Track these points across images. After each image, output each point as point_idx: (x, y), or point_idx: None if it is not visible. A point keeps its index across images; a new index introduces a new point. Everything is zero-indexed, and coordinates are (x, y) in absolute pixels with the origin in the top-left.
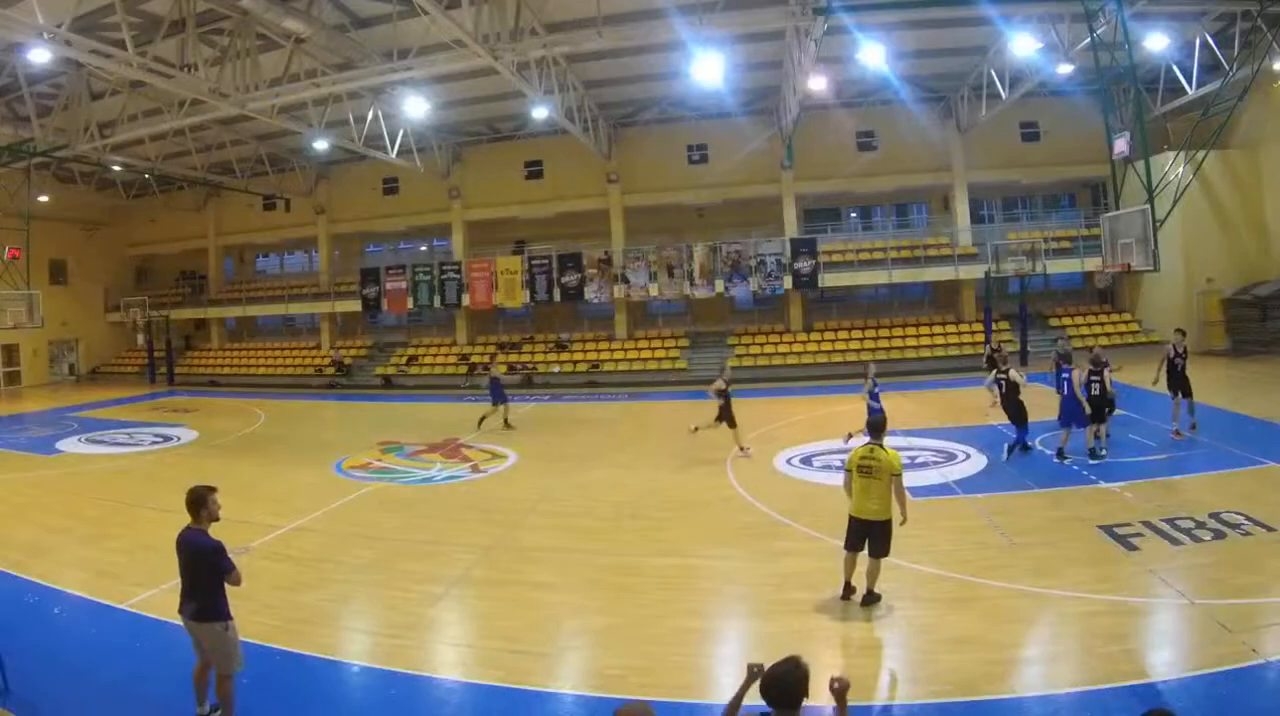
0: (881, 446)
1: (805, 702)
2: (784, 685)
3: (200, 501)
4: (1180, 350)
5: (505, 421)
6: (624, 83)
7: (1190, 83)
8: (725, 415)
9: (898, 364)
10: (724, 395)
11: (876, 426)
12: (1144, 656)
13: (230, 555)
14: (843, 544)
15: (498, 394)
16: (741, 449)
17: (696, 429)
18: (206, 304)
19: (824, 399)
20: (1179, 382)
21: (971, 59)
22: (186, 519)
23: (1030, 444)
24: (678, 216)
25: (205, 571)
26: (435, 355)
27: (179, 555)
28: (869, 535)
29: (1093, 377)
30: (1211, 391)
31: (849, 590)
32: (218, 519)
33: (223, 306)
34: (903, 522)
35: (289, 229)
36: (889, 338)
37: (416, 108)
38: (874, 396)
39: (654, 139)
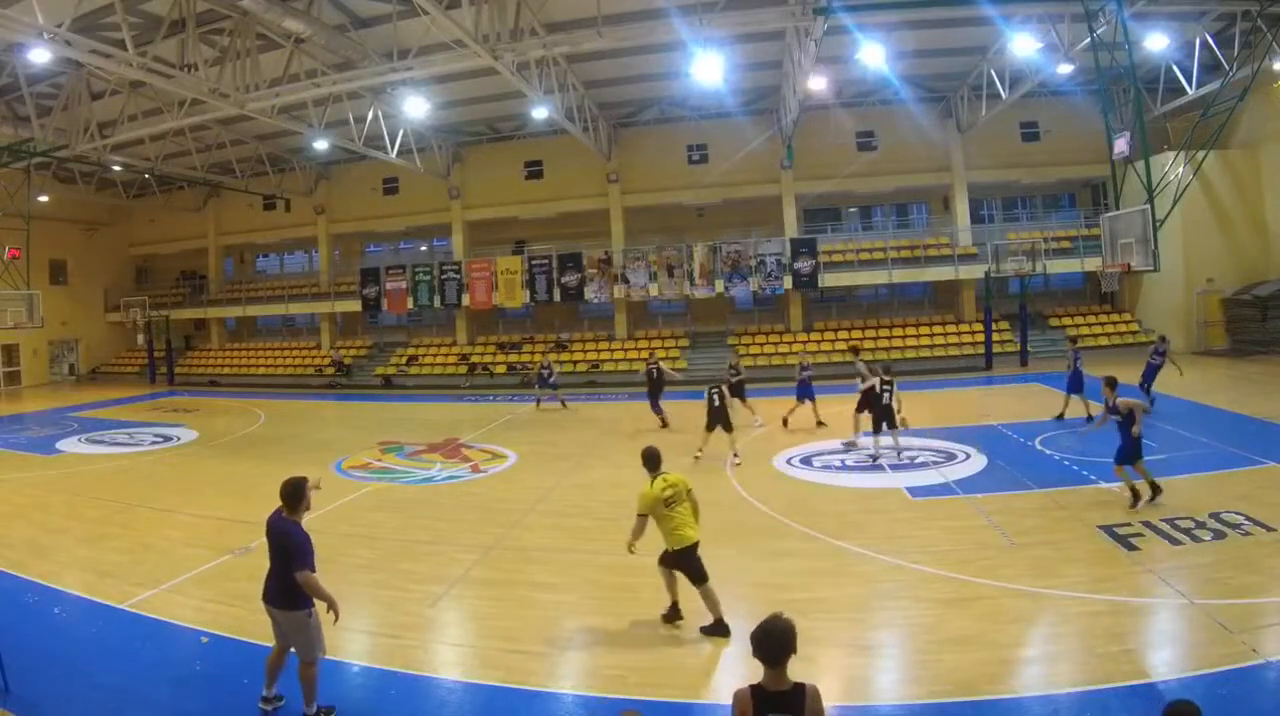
0: (661, 474)
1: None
2: (777, 638)
3: (300, 493)
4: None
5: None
6: (624, 83)
7: (1190, 83)
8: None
9: (898, 364)
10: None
11: (653, 458)
12: (1144, 656)
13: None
14: (685, 578)
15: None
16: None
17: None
18: (206, 304)
19: (824, 399)
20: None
21: (971, 59)
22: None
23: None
24: (678, 216)
25: (292, 560)
26: (435, 355)
27: (269, 538)
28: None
29: None
30: (1211, 391)
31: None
32: (309, 509)
33: (223, 306)
34: None
35: (289, 229)
36: (889, 337)
37: (416, 108)
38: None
39: (654, 139)
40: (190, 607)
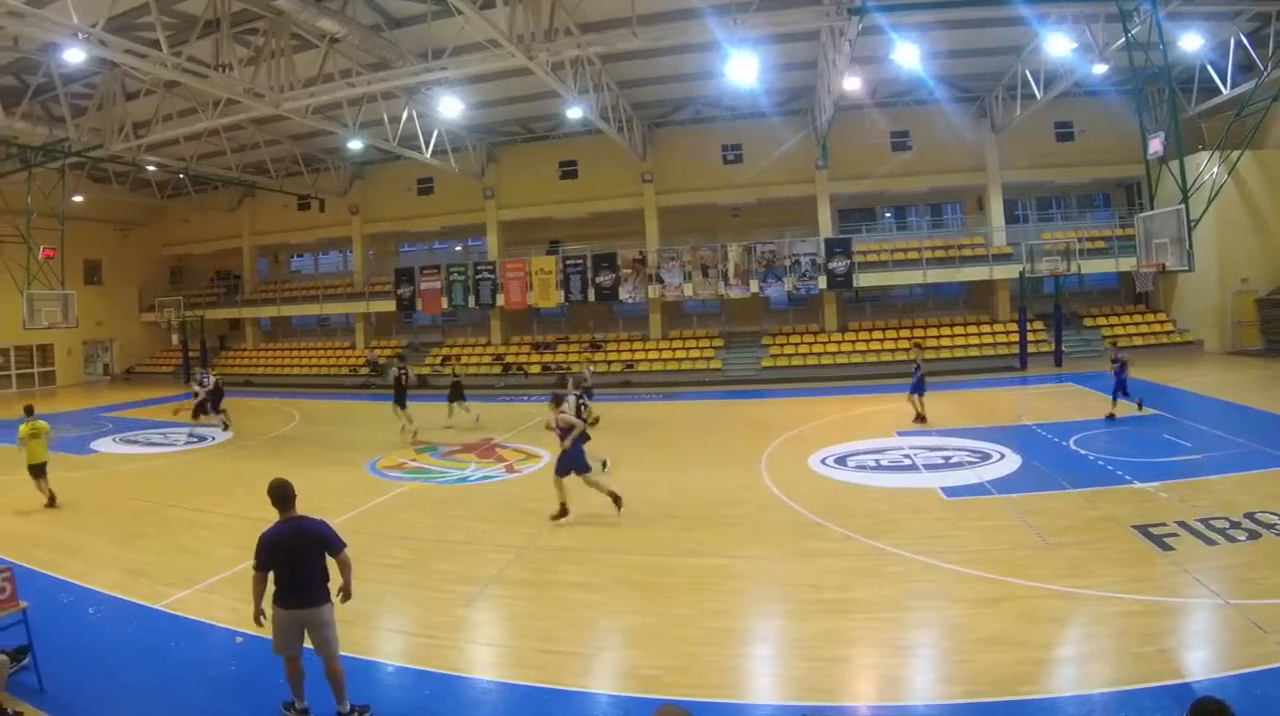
0: (31, 421)
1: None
2: None
3: (289, 489)
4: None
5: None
6: (658, 83)
7: (1225, 83)
8: None
9: (932, 364)
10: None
11: (28, 409)
12: (1179, 656)
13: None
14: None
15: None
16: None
17: None
18: (241, 304)
19: (859, 399)
20: None
21: (1006, 59)
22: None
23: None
24: (712, 216)
25: (321, 555)
26: (470, 355)
27: (288, 546)
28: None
29: None
30: (1245, 392)
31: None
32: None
33: (257, 306)
34: None
35: (323, 229)
36: (924, 338)
37: (451, 108)
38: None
39: (689, 139)
40: (224, 608)
